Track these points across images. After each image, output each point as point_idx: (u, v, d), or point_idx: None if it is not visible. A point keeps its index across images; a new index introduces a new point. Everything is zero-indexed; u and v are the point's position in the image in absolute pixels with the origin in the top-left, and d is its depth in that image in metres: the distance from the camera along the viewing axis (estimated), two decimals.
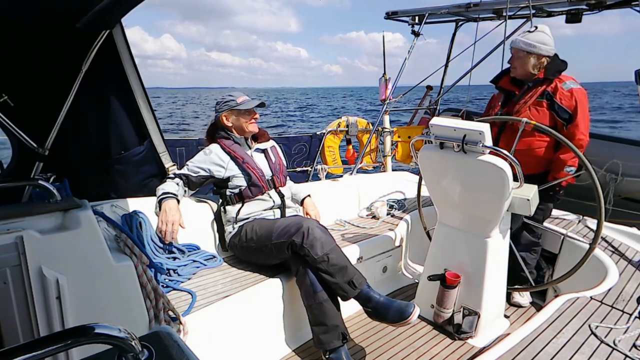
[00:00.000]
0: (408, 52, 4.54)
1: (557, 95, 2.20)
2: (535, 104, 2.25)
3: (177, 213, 1.99)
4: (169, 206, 1.99)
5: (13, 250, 1.09)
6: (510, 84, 2.41)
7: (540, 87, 2.25)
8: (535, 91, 2.26)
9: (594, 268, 2.11)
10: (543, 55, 2.24)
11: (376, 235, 2.57)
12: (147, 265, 1.49)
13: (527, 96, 2.28)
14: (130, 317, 1.38)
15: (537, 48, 2.22)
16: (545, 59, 2.26)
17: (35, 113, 1.90)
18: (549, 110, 2.22)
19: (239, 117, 2.18)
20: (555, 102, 2.20)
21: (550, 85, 2.24)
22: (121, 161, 2.30)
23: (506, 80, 2.45)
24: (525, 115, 2.23)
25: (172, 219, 1.96)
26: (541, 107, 2.23)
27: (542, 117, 2.21)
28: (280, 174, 2.26)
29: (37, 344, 0.50)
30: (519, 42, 2.27)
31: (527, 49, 2.24)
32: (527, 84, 2.29)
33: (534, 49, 2.23)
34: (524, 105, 2.27)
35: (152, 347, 0.61)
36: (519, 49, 2.26)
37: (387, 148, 4.62)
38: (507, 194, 1.79)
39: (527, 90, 2.30)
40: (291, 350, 1.97)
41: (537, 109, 2.24)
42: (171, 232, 1.95)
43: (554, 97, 2.21)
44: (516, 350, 1.48)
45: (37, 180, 1.32)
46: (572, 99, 2.18)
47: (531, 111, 2.25)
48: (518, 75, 2.33)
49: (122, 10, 1.79)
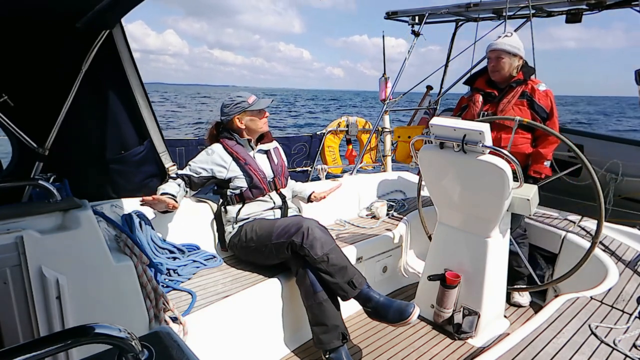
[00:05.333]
0: (408, 51, 4.54)
1: (536, 96, 2.37)
2: (517, 104, 2.39)
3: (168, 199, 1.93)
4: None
5: (13, 250, 1.09)
6: (487, 85, 2.53)
7: (519, 87, 2.40)
8: (516, 91, 2.40)
9: (594, 268, 2.11)
10: (522, 57, 2.42)
11: (376, 235, 2.57)
12: (147, 265, 1.49)
13: (510, 96, 2.41)
14: (130, 317, 1.38)
15: (520, 51, 2.40)
16: (522, 61, 2.43)
17: (35, 113, 1.90)
18: (529, 109, 2.37)
19: (253, 118, 2.17)
20: (534, 102, 2.37)
21: (526, 86, 2.40)
22: (121, 161, 2.29)
23: (482, 82, 2.57)
24: (510, 114, 2.36)
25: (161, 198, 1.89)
26: (523, 107, 2.38)
27: (524, 115, 2.34)
28: (281, 176, 2.26)
29: (37, 344, 0.50)
30: (504, 44, 2.38)
31: (513, 51, 2.38)
32: (511, 84, 2.42)
33: (518, 51, 2.39)
34: (507, 104, 2.40)
35: (152, 347, 0.61)
36: (505, 51, 2.38)
37: (387, 148, 4.62)
38: (507, 194, 1.79)
39: (508, 90, 2.43)
40: (291, 350, 1.97)
41: (520, 108, 2.38)
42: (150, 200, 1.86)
43: (533, 97, 2.37)
44: (516, 350, 1.48)
45: (37, 180, 1.32)
46: (548, 99, 2.37)
47: (515, 110, 2.38)
48: (500, 77, 2.44)
49: (122, 10, 1.79)
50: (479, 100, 2.52)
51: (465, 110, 2.61)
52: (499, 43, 2.40)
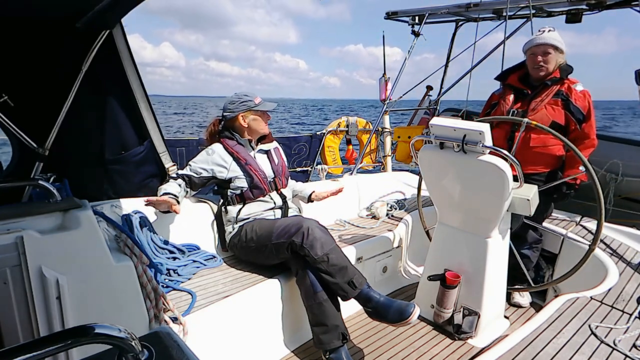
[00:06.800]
0: (408, 51, 4.54)
1: (572, 96, 2.23)
2: (551, 103, 2.26)
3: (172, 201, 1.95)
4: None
5: (13, 250, 1.09)
6: (520, 82, 2.40)
7: (555, 86, 2.27)
8: (550, 90, 2.27)
9: (594, 268, 2.11)
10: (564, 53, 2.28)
11: (376, 235, 2.57)
12: (147, 265, 1.49)
13: (544, 94, 2.28)
14: (130, 317, 1.38)
15: (563, 45, 2.26)
16: (564, 59, 2.29)
17: (35, 113, 1.90)
18: (564, 110, 2.24)
19: (257, 118, 2.18)
20: (570, 102, 2.23)
21: (562, 85, 2.27)
22: (121, 161, 2.30)
23: (514, 78, 2.44)
24: (542, 113, 2.24)
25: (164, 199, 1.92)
26: (557, 106, 2.25)
27: (557, 116, 2.23)
28: (282, 176, 2.26)
29: (37, 344, 0.50)
30: (551, 39, 2.25)
31: (561, 46, 2.25)
32: (546, 82, 2.29)
33: (562, 46, 2.25)
34: (540, 103, 2.27)
35: (152, 347, 0.61)
36: (553, 45, 2.24)
37: (387, 148, 4.62)
38: (507, 194, 1.79)
39: (542, 88, 2.29)
40: (291, 351, 1.97)
41: (553, 107, 2.25)
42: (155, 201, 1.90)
43: (569, 97, 2.23)
44: (516, 350, 1.48)
45: (37, 180, 1.32)
46: (585, 100, 2.23)
47: (547, 109, 2.25)
48: (546, 73, 2.29)
49: (122, 11, 1.79)
50: (510, 97, 2.40)
51: (495, 108, 2.48)
52: (546, 37, 2.25)
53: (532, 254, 2.40)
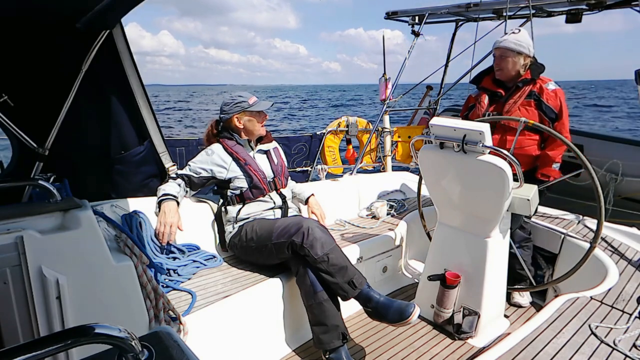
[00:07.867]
0: (408, 52, 4.54)
1: (544, 96, 2.28)
2: (524, 104, 2.30)
3: (176, 215, 1.99)
4: (168, 208, 1.98)
5: (13, 250, 1.09)
6: (493, 84, 2.45)
7: (527, 87, 2.31)
8: (523, 91, 2.31)
9: (594, 268, 2.11)
10: (529, 55, 2.31)
11: (376, 235, 2.57)
12: (147, 265, 1.49)
13: (516, 96, 2.32)
14: (130, 317, 1.38)
15: (526, 48, 2.28)
16: (529, 60, 2.32)
17: (35, 113, 1.90)
18: (537, 110, 2.28)
19: (252, 119, 2.17)
20: (542, 102, 2.27)
21: (534, 85, 2.30)
22: (121, 161, 2.30)
23: (488, 80, 2.49)
24: (516, 114, 2.28)
25: (171, 220, 1.95)
26: (530, 107, 2.29)
27: (531, 117, 2.26)
28: (281, 176, 2.26)
29: (37, 344, 0.50)
30: (509, 42, 2.29)
31: (518, 49, 2.28)
32: (517, 84, 2.33)
33: (524, 49, 2.28)
34: (513, 105, 2.31)
35: (152, 347, 0.61)
36: (509, 49, 2.28)
37: (387, 148, 4.62)
38: (507, 194, 1.79)
39: (515, 90, 2.34)
40: (291, 350, 1.97)
41: (527, 108, 2.30)
42: (168, 234, 1.94)
43: (541, 97, 2.27)
44: (516, 350, 1.48)
45: (37, 180, 1.32)
46: (557, 99, 2.27)
47: (521, 111, 2.30)
48: (504, 76, 2.36)
49: (122, 10, 1.79)
50: (485, 100, 2.43)
51: (472, 110, 2.51)
52: (503, 40, 2.30)
53: (522, 252, 2.40)
